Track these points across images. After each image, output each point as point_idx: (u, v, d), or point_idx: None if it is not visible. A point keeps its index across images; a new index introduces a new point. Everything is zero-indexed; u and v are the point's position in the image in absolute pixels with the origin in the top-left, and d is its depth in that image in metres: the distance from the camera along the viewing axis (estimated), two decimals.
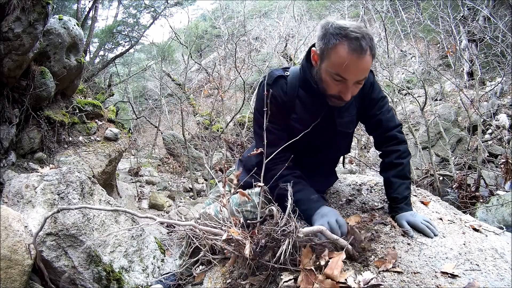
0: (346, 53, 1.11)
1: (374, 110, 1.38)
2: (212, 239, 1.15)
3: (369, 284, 1.03)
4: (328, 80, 1.19)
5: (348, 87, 1.17)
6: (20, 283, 1.36)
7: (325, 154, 1.46)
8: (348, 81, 1.16)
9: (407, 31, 5.60)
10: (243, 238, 1.07)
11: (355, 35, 1.09)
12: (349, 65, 1.12)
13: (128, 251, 1.76)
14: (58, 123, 3.72)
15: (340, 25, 1.13)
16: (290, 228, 1.08)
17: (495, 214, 2.70)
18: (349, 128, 1.42)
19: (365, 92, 1.33)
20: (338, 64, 1.13)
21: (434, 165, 4.04)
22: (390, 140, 1.40)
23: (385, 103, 1.40)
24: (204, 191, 6.59)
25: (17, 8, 2.81)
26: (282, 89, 1.30)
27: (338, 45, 1.12)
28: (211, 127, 8.65)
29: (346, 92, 1.18)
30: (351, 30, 1.10)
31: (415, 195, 1.58)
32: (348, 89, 1.17)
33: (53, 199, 1.69)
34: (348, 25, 1.12)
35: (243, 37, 7.94)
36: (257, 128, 1.34)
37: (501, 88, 7.34)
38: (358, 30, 1.10)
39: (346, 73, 1.14)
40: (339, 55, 1.12)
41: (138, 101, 13.27)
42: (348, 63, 1.11)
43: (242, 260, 1.07)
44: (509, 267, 1.07)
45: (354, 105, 1.37)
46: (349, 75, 1.14)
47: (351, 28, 1.11)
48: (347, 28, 1.11)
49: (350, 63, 1.11)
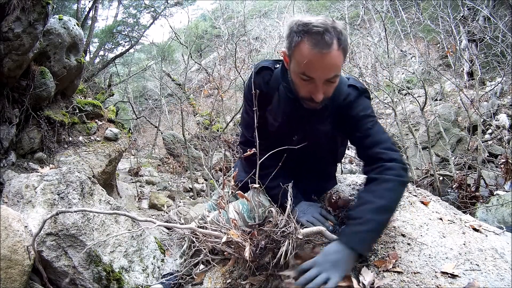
0: (308, 50, 1.04)
1: (355, 129, 1.23)
2: (212, 241, 1.15)
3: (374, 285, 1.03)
4: (297, 81, 1.13)
5: (318, 87, 1.09)
6: (20, 283, 1.36)
7: (307, 160, 1.36)
8: (316, 80, 1.08)
9: (407, 31, 5.60)
10: (242, 240, 1.07)
11: (317, 29, 1.02)
12: (313, 62, 1.04)
13: (128, 251, 1.76)
14: (58, 123, 3.72)
15: (303, 21, 1.05)
16: (289, 229, 1.08)
17: (495, 214, 2.69)
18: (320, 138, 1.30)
19: (342, 106, 1.22)
20: (302, 62, 1.06)
21: (434, 165, 4.04)
22: (375, 161, 1.16)
23: (367, 122, 1.21)
24: (204, 191, 6.59)
25: (17, 8, 2.81)
26: (264, 79, 1.29)
27: (301, 43, 1.05)
28: (211, 127, 8.65)
29: (316, 92, 1.10)
30: (313, 25, 1.03)
31: (415, 195, 1.58)
32: (318, 89, 1.09)
33: (53, 199, 1.69)
34: (311, 20, 1.04)
35: (243, 37, 7.93)
36: (243, 112, 1.39)
37: (501, 88, 7.34)
38: (321, 24, 1.02)
39: (311, 71, 1.07)
40: (302, 53, 1.05)
41: (138, 101, 13.28)
42: (311, 60, 1.04)
43: (242, 262, 1.07)
44: (509, 267, 1.07)
45: (330, 118, 1.26)
46: (315, 73, 1.07)
47: (314, 23, 1.03)
48: (309, 24, 1.03)
49: (313, 59, 1.04)
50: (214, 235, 1.16)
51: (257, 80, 1.28)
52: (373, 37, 6.80)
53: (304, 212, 1.24)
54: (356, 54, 6.74)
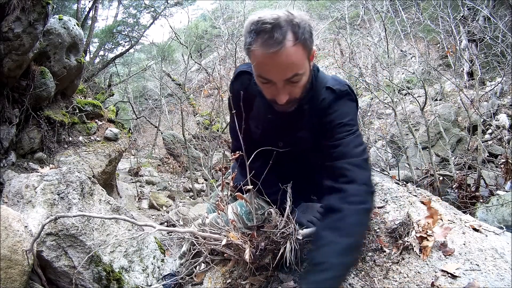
0: (258, 50, 0.95)
1: (325, 135, 1.10)
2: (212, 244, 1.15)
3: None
4: (259, 84, 1.05)
5: (279, 88, 1.00)
6: (20, 283, 1.36)
7: (298, 164, 1.29)
8: (275, 81, 0.99)
9: (407, 31, 5.61)
10: (242, 242, 1.07)
11: (265, 26, 0.92)
12: (265, 63, 0.96)
13: (128, 251, 1.76)
14: (58, 123, 3.72)
15: (255, 19, 0.95)
16: (289, 230, 1.08)
17: (495, 214, 2.69)
18: (304, 143, 1.21)
19: (319, 109, 1.12)
20: (256, 64, 0.99)
21: (434, 165, 4.04)
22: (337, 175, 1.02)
23: (344, 131, 1.07)
24: (204, 191, 6.59)
25: (17, 8, 2.81)
26: (242, 84, 1.20)
27: (253, 43, 0.96)
28: (211, 127, 8.65)
29: (277, 94, 1.01)
30: (262, 22, 0.92)
31: (415, 195, 1.58)
32: (279, 91, 1.00)
33: (53, 199, 1.69)
34: (264, 16, 0.94)
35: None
36: (230, 121, 1.38)
37: (501, 88, 7.34)
38: (272, 20, 0.92)
39: (266, 73, 0.99)
40: (254, 54, 0.97)
41: (138, 101, 13.28)
42: (262, 61, 0.96)
43: (242, 263, 1.07)
44: (509, 267, 1.07)
45: (309, 122, 1.16)
46: (270, 74, 0.98)
47: (263, 19, 0.93)
48: (259, 21, 0.93)
49: (264, 60, 0.95)
50: (214, 237, 1.16)
51: (236, 86, 1.21)
52: (373, 37, 6.80)
53: (304, 212, 1.24)
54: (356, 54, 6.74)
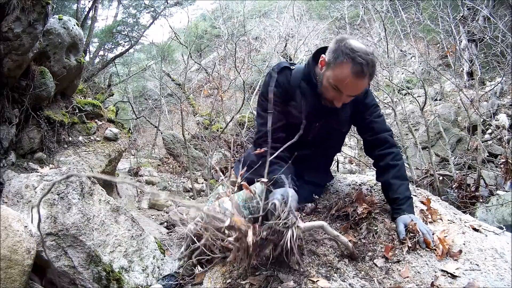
0: (347, 73, 1.26)
1: (366, 114, 1.50)
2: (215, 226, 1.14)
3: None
4: (327, 86, 1.35)
5: (342, 98, 1.34)
6: (20, 283, 1.36)
7: (317, 149, 1.56)
8: (343, 93, 1.32)
9: (407, 31, 5.60)
10: (245, 227, 1.08)
11: (360, 60, 1.23)
12: (348, 83, 1.28)
13: (128, 251, 1.76)
14: (58, 123, 3.72)
15: (352, 46, 1.26)
16: (292, 220, 1.09)
17: (495, 214, 2.69)
18: (342, 127, 1.56)
19: (359, 97, 1.44)
20: (339, 79, 1.29)
21: (434, 165, 4.03)
22: (383, 143, 1.49)
23: (377, 110, 1.53)
24: (204, 191, 6.58)
25: (17, 8, 2.81)
26: (286, 77, 1.47)
27: (344, 64, 1.26)
28: (211, 127, 8.65)
29: (338, 101, 1.36)
30: (358, 55, 1.24)
31: (415, 195, 1.58)
32: (341, 100, 1.35)
33: (53, 199, 1.69)
34: (358, 48, 1.25)
35: (243, 37, 7.92)
36: (259, 110, 1.50)
37: (501, 88, 7.33)
38: (365, 57, 1.24)
39: (343, 88, 1.30)
40: (342, 72, 1.27)
41: (138, 101, 13.25)
42: (347, 81, 1.27)
43: (243, 252, 1.07)
44: (509, 267, 1.07)
45: (349, 107, 1.49)
46: (346, 90, 1.31)
47: (359, 52, 1.24)
48: (356, 52, 1.24)
49: (348, 82, 1.27)
50: (219, 217, 1.15)
51: (280, 78, 1.46)
52: (373, 37, 6.80)
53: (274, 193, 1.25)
54: None
